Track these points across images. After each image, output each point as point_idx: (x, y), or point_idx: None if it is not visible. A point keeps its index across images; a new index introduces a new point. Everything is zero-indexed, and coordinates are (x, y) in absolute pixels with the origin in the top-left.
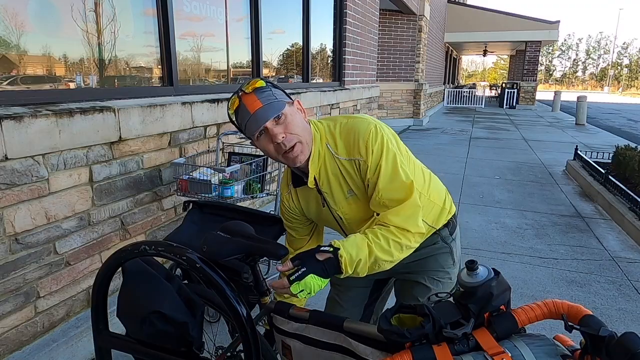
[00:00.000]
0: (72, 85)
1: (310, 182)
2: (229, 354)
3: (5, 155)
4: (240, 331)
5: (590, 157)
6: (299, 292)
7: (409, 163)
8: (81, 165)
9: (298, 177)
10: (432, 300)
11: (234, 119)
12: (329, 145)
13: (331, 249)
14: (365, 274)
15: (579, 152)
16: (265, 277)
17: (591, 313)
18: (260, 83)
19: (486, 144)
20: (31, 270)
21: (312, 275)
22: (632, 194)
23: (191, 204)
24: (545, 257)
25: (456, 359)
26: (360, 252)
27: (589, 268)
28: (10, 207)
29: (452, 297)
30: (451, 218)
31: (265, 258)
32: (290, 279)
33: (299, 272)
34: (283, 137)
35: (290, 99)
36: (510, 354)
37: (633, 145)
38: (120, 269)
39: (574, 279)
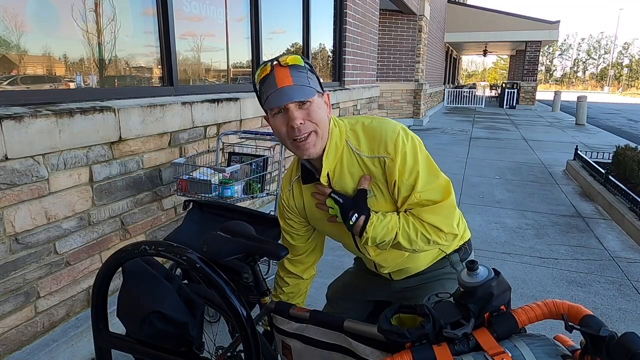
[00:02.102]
0: (72, 85)
1: (323, 177)
2: (229, 354)
3: (5, 155)
4: (240, 331)
5: (590, 157)
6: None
7: None
8: (81, 165)
9: (308, 172)
10: (432, 301)
11: (257, 87)
12: (349, 142)
13: (358, 223)
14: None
15: (579, 152)
16: (265, 277)
17: (591, 313)
18: (299, 60)
19: (486, 144)
20: (31, 270)
21: (339, 210)
22: (632, 194)
23: (191, 203)
24: (545, 257)
25: (456, 359)
26: (385, 236)
27: (589, 268)
28: (10, 207)
29: (452, 297)
30: (464, 244)
31: (265, 258)
32: (332, 194)
33: (338, 199)
34: (301, 123)
35: (322, 90)
36: (510, 354)
37: (633, 145)
38: (120, 269)
39: (574, 279)
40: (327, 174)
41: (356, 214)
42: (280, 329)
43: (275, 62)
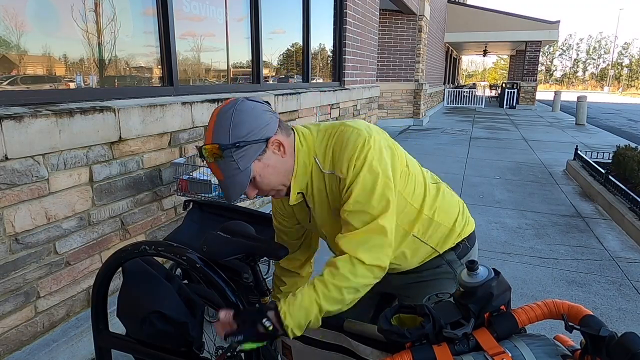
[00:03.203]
0: (72, 85)
1: (292, 200)
2: (229, 354)
3: (5, 155)
4: None
5: (590, 157)
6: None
7: (407, 179)
8: (81, 165)
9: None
10: (432, 301)
11: None
12: (317, 159)
13: (274, 322)
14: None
15: (579, 152)
16: (265, 277)
17: (591, 313)
18: (216, 151)
19: (486, 144)
20: (31, 270)
21: (249, 343)
22: (632, 194)
23: (191, 203)
24: (546, 257)
25: (456, 359)
26: (309, 314)
27: (589, 268)
28: (10, 207)
29: (452, 297)
30: (462, 241)
31: (265, 258)
32: (227, 339)
33: (237, 339)
34: (256, 195)
35: (264, 138)
36: (510, 354)
37: (633, 145)
38: (120, 269)
39: (574, 279)
40: (303, 194)
41: (264, 318)
42: None
43: (201, 151)
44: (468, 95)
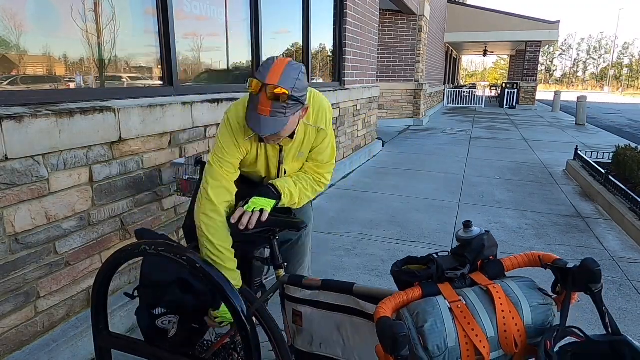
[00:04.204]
0: (72, 85)
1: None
2: (228, 340)
3: (6, 155)
4: (240, 331)
5: (591, 157)
6: (252, 209)
7: None
8: (81, 165)
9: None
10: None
11: (248, 90)
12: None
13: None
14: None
15: (579, 152)
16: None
17: (561, 259)
18: (283, 95)
19: (486, 144)
20: (31, 270)
21: (255, 197)
22: (632, 194)
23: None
24: None
25: (457, 291)
26: (292, 194)
27: None
28: (10, 207)
29: (449, 253)
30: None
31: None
32: (240, 205)
33: (245, 200)
34: (273, 141)
35: (305, 102)
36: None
37: (633, 145)
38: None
39: None
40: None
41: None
42: (293, 297)
43: (266, 86)
44: (468, 95)
